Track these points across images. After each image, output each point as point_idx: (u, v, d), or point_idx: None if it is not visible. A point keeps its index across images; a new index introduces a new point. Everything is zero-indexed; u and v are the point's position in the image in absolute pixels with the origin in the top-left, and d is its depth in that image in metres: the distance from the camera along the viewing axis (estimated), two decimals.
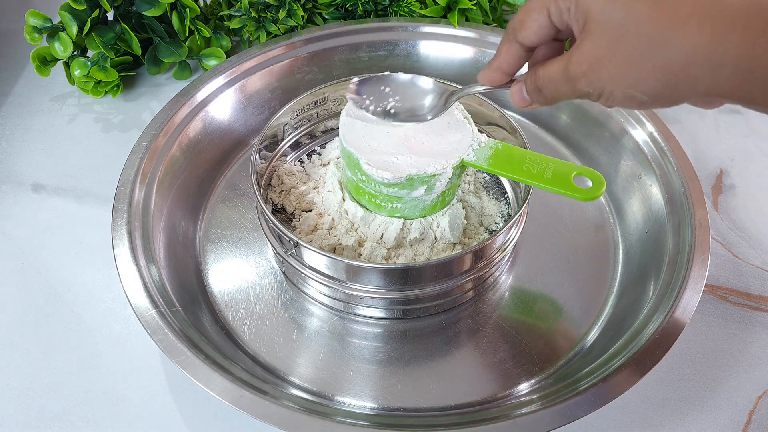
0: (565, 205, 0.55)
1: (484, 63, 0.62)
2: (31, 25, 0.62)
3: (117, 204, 0.48)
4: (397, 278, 0.44)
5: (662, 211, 0.51)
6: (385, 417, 0.43)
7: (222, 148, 0.58)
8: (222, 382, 0.39)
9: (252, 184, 0.48)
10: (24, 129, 0.64)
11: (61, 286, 0.51)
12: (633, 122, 0.55)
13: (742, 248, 0.55)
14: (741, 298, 0.51)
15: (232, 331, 0.48)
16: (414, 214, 0.48)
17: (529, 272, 0.52)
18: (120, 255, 0.45)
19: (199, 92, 0.56)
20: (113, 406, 0.45)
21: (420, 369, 0.46)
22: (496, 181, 0.55)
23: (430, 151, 0.45)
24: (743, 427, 0.45)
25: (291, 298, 0.50)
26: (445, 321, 0.48)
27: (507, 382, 0.45)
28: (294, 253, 0.46)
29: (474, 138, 0.46)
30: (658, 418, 0.45)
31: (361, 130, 0.46)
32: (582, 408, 0.39)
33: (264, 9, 0.64)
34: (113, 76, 0.63)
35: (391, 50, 0.63)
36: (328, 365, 0.46)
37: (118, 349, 0.48)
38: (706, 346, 0.48)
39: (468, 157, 0.45)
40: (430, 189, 0.45)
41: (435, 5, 0.64)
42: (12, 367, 0.47)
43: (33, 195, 0.58)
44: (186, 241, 0.52)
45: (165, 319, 0.42)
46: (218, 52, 0.66)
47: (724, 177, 0.60)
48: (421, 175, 0.44)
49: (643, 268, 0.50)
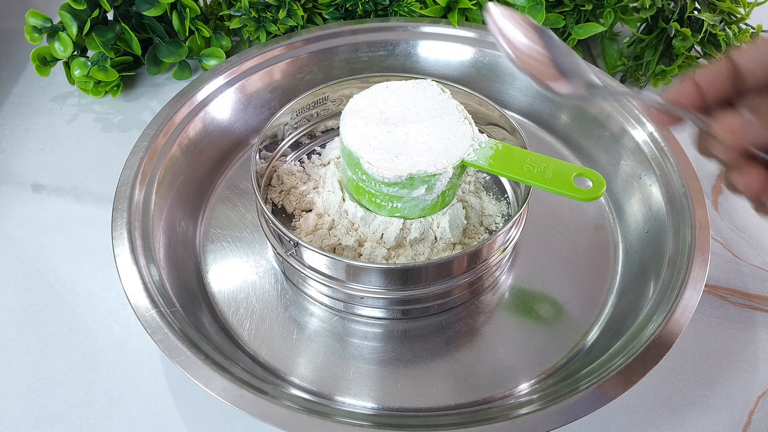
0: (565, 205, 0.55)
1: (485, 63, 0.62)
2: (31, 25, 0.62)
3: (117, 204, 0.48)
4: (397, 278, 0.44)
5: (662, 211, 0.51)
6: (385, 417, 0.43)
7: (222, 148, 0.58)
8: (222, 382, 0.39)
9: (252, 184, 0.48)
10: (24, 129, 0.64)
11: (61, 286, 0.51)
12: (633, 122, 0.55)
13: (742, 248, 0.55)
14: (741, 298, 0.51)
15: (232, 331, 0.48)
16: (414, 214, 0.48)
17: (529, 272, 0.52)
18: (120, 255, 0.45)
19: (199, 92, 0.56)
20: (113, 406, 0.45)
21: (420, 369, 0.46)
22: (496, 181, 0.55)
23: (431, 151, 0.45)
24: (743, 427, 0.45)
25: (291, 298, 0.50)
26: (445, 321, 0.48)
27: (507, 382, 0.45)
28: (294, 253, 0.46)
29: (474, 138, 0.47)
30: (658, 418, 0.45)
31: (361, 129, 0.46)
32: (582, 408, 0.39)
33: (264, 9, 0.64)
34: (113, 76, 0.64)
35: (391, 50, 0.63)
36: (328, 365, 0.46)
37: (118, 349, 0.48)
38: (706, 346, 0.48)
39: (468, 157, 0.46)
40: (430, 189, 0.45)
41: (435, 5, 0.64)
42: (12, 367, 0.47)
43: (33, 195, 0.58)
44: (186, 241, 0.52)
45: (165, 319, 0.42)
46: (218, 52, 0.66)
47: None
48: (421, 174, 0.44)
49: (643, 268, 0.50)
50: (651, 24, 0.67)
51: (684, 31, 0.63)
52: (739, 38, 0.63)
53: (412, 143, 0.46)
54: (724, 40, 0.63)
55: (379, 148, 0.45)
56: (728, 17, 0.64)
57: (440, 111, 0.48)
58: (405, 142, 0.46)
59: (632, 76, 0.67)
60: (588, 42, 0.72)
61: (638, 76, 0.67)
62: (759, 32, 0.64)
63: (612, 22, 0.65)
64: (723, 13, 0.64)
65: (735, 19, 0.64)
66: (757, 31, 0.64)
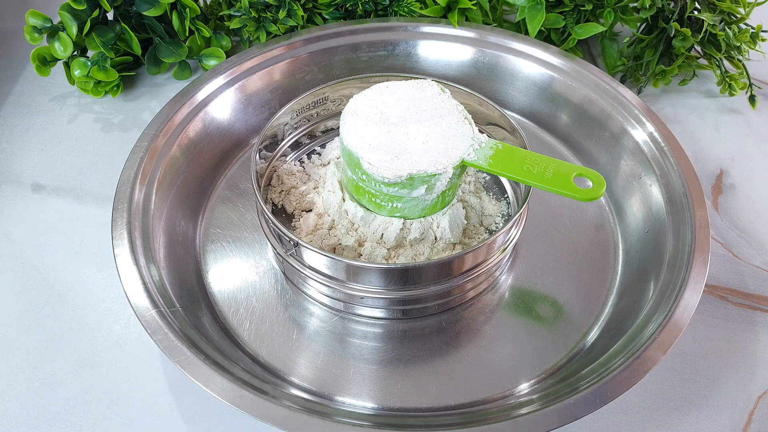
0: (565, 205, 0.55)
1: (484, 63, 0.62)
2: (31, 25, 0.62)
3: (117, 204, 0.48)
4: (397, 278, 0.44)
5: (662, 211, 0.51)
6: (385, 417, 0.43)
7: (222, 148, 0.58)
8: (222, 382, 0.39)
9: (252, 184, 0.48)
10: (24, 129, 0.64)
11: (61, 286, 0.51)
12: (633, 122, 0.55)
13: (742, 248, 0.55)
14: (741, 298, 0.51)
15: (232, 331, 0.48)
16: (414, 214, 0.48)
17: (529, 272, 0.52)
18: (120, 255, 0.45)
19: (199, 92, 0.56)
20: (113, 406, 0.45)
21: (420, 369, 0.46)
22: (496, 181, 0.55)
23: (431, 151, 0.45)
24: (743, 426, 0.45)
25: (291, 298, 0.50)
26: (445, 321, 0.48)
27: (507, 382, 0.45)
28: (294, 253, 0.46)
29: (474, 138, 0.47)
30: (658, 418, 0.45)
31: (361, 129, 0.46)
32: (582, 408, 0.39)
33: (264, 9, 0.64)
34: (113, 76, 0.64)
35: (391, 50, 0.63)
36: (328, 365, 0.46)
37: (118, 348, 0.48)
38: (706, 346, 0.48)
39: (468, 157, 0.46)
40: (430, 189, 0.45)
41: (435, 5, 0.64)
42: (12, 367, 0.47)
43: (33, 195, 0.58)
44: (186, 241, 0.52)
45: (165, 319, 0.42)
46: (218, 52, 0.66)
47: (724, 177, 0.60)
48: (421, 174, 0.44)
49: (643, 268, 0.50)
50: (651, 24, 0.67)
51: (684, 31, 0.63)
52: (739, 38, 0.63)
53: (412, 143, 0.46)
54: (724, 40, 0.63)
55: (379, 148, 0.45)
56: (728, 17, 0.64)
57: (440, 111, 0.48)
58: (405, 142, 0.46)
59: (632, 76, 0.67)
60: (588, 42, 0.72)
61: (638, 76, 0.67)
62: (759, 32, 0.64)
63: (612, 22, 0.65)
64: (723, 13, 0.64)
65: (735, 19, 0.64)
66: (757, 31, 0.64)
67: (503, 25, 0.69)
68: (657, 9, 0.65)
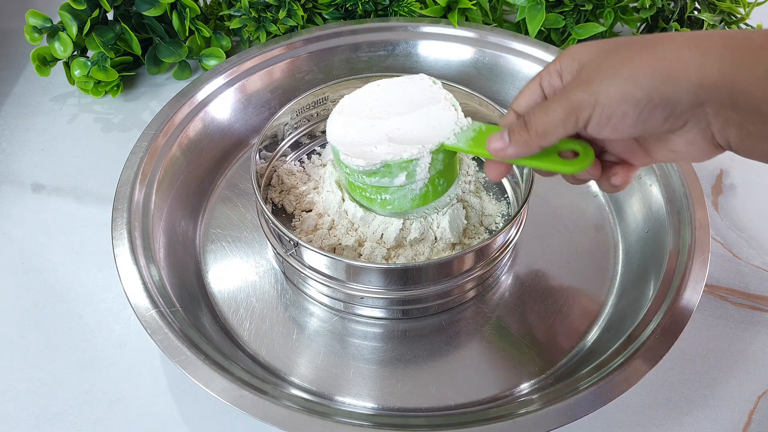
0: (565, 205, 0.55)
1: (484, 63, 0.62)
2: (31, 25, 0.62)
3: (117, 204, 0.48)
4: (397, 278, 0.44)
5: (662, 211, 0.51)
6: (385, 417, 0.43)
7: (222, 148, 0.58)
8: (222, 382, 0.39)
9: (252, 184, 0.48)
10: (24, 129, 0.64)
11: (61, 286, 0.51)
12: None
13: (742, 248, 0.55)
14: (741, 298, 0.51)
15: (232, 331, 0.48)
16: (405, 206, 0.47)
17: (529, 272, 0.52)
18: (120, 255, 0.45)
19: (199, 92, 0.56)
20: (113, 406, 0.45)
21: (420, 369, 0.46)
22: None
23: (412, 140, 0.45)
24: (743, 427, 0.45)
25: (291, 298, 0.50)
26: (445, 321, 0.48)
27: (507, 382, 0.45)
28: (294, 253, 0.46)
29: (458, 122, 0.45)
30: (658, 418, 0.45)
31: (347, 125, 0.46)
32: (582, 408, 0.39)
33: (264, 9, 0.64)
34: (113, 76, 0.64)
35: (391, 50, 0.63)
36: (328, 365, 0.46)
37: (118, 348, 0.48)
38: (706, 346, 0.48)
39: (449, 141, 0.44)
40: (411, 176, 0.45)
41: (435, 5, 0.64)
42: (12, 367, 0.47)
43: (33, 195, 0.58)
44: (186, 241, 0.52)
45: (165, 319, 0.42)
46: (218, 52, 0.66)
47: (724, 177, 0.60)
48: (396, 160, 0.43)
49: (643, 268, 0.50)
50: (651, 24, 0.67)
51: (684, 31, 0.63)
52: None
53: (395, 134, 0.45)
54: None
55: (361, 141, 0.45)
56: (728, 17, 0.64)
57: (427, 101, 0.47)
58: (388, 132, 0.45)
59: None
60: None
61: None
62: None
63: (612, 22, 0.65)
64: (723, 13, 0.64)
65: (735, 19, 0.64)
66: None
67: (503, 25, 0.69)
68: (657, 9, 0.65)
